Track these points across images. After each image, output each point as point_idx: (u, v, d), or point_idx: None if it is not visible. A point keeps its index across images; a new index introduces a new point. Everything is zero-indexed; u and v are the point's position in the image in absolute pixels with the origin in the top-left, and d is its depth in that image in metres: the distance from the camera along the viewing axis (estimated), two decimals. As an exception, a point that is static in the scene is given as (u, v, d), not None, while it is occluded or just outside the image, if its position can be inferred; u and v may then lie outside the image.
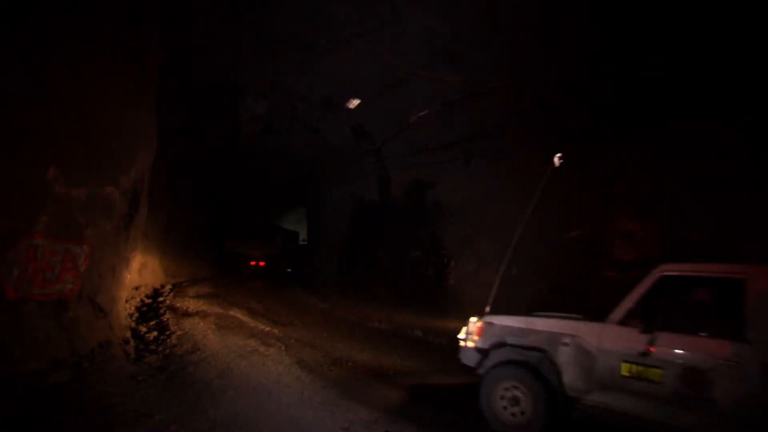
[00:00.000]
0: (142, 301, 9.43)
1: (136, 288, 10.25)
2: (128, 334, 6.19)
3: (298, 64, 9.15)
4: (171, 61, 7.88)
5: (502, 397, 3.97)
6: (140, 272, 11.23)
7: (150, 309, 8.60)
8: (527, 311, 4.61)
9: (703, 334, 3.27)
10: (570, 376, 3.69)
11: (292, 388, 4.82)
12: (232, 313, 10.14)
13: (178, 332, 7.25)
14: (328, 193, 17.13)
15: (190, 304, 10.54)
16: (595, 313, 3.83)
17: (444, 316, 9.75)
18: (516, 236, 5.25)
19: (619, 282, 6.90)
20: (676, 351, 3.28)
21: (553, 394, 3.74)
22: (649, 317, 3.44)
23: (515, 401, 3.89)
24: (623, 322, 3.57)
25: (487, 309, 4.76)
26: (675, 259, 3.61)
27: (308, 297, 14.61)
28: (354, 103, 10.51)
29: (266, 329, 8.48)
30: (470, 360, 4.53)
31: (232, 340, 7.21)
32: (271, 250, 23.16)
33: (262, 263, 22.99)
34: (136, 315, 7.75)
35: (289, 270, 22.90)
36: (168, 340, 6.52)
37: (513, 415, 3.87)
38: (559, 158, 5.45)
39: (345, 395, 4.72)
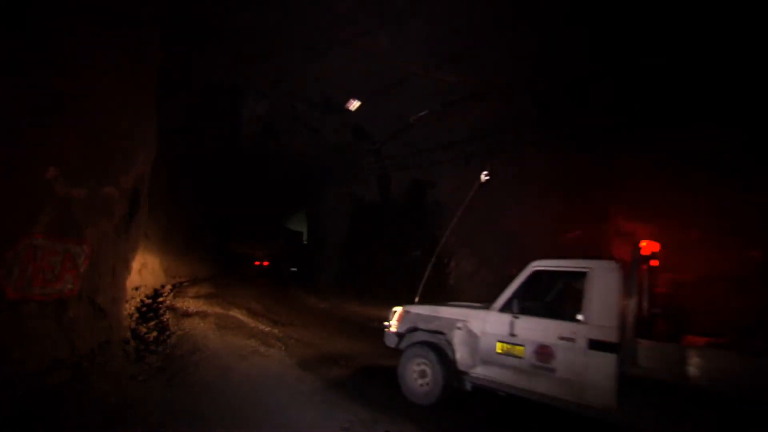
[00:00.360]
0: (142, 301, 9.42)
1: (136, 288, 10.25)
2: (128, 334, 6.18)
3: (298, 64, 9.15)
4: (171, 61, 7.88)
5: (414, 372, 4.79)
6: (140, 272, 11.22)
7: (150, 309, 8.60)
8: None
9: (553, 317, 4.05)
10: (461, 354, 4.51)
11: (293, 388, 4.82)
12: (232, 313, 10.13)
13: (178, 332, 7.25)
14: (328, 193, 17.13)
15: (190, 304, 10.53)
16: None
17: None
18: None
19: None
20: (533, 331, 4.05)
21: (450, 369, 4.54)
22: (521, 305, 4.20)
23: (423, 374, 4.72)
24: (502, 309, 4.29)
25: (417, 299, 5.40)
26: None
27: (308, 297, 14.61)
28: (354, 103, 10.51)
29: (266, 329, 8.48)
30: (391, 342, 5.31)
31: (232, 340, 7.21)
32: (275, 250, 23.40)
33: (266, 263, 23.35)
34: (136, 315, 7.75)
35: (294, 269, 22.96)
36: (168, 341, 6.51)
37: (421, 385, 4.71)
38: (485, 175, 6.08)
39: (345, 395, 4.72)
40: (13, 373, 3.76)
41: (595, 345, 3.66)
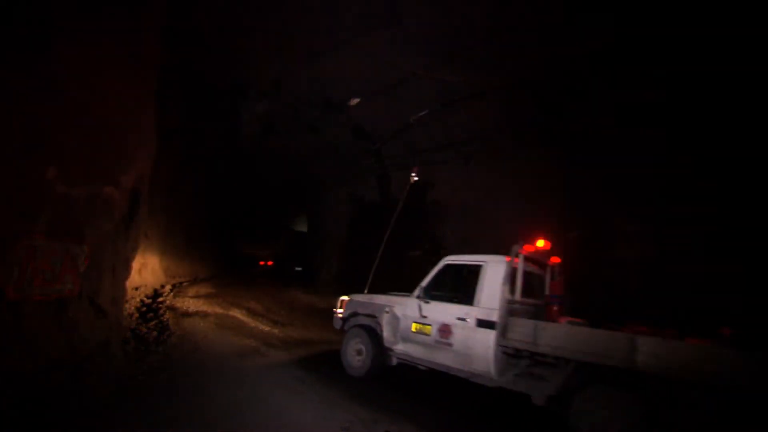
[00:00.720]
0: (142, 301, 9.42)
1: (136, 288, 10.25)
2: (128, 334, 6.18)
3: (298, 64, 9.15)
4: (171, 61, 7.88)
5: (353, 349, 5.68)
6: (140, 272, 11.23)
7: (150, 309, 8.60)
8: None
9: (454, 301, 4.86)
10: (387, 333, 5.38)
11: (293, 388, 4.82)
12: (231, 313, 10.14)
13: (178, 332, 7.24)
14: (328, 193, 17.12)
15: (190, 304, 10.53)
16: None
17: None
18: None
19: (619, 282, 6.91)
20: (438, 313, 4.94)
21: (379, 346, 5.40)
22: (432, 292, 5.10)
23: (360, 352, 5.60)
24: (418, 296, 5.17)
25: (366, 291, 6.25)
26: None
27: (308, 297, 14.61)
28: (354, 100, 10.50)
29: (266, 329, 8.49)
30: (337, 325, 6.19)
31: (232, 340, 7.21)
32: (279, 250, 23.85)
33: (270, 262, 23.92)
34: (136, 315, 7.75)
35: (299, 269, 23.26)
36: (168, 341, 6.51)
37: (358, 361, 5.57)
38: (415, 174, 6.92)
39: (345, 395, 4.72)
40: (13, 373, 3.76)
41: (481, 323, 4.53)
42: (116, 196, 5.37)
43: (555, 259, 5.30)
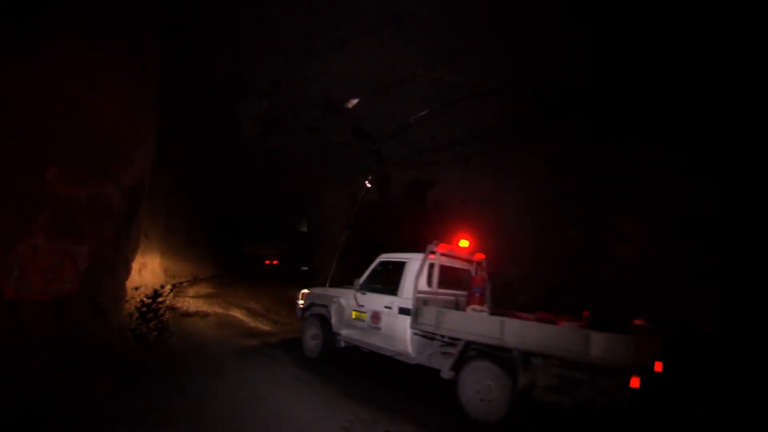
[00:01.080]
0: (142, 301, 9.43)
1: (136, 288, 10.25)
2: (128, 334, 6.19)
3: (298, 64, 9.14)
4: (171, 61, 7.87)
5: (310, 335, 6.49)
6: (140, 272, 11.23)
7: (150, 309, 8.60)
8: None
9: (384, 292, 5.61)
10: (334, 320, 6.20)
11: (293, 388, 4.82)
12: (231, 313, 10.14)
13: (178, 332, 7.25)
14: (328, 193, 17.12)
15: (190, 304, 10.54)
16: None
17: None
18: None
19: (619, 282, 6.91)
20: (371, 303, 5.73)
21: (329, 332, 6.23)
22: (369, 285, 5.86)
23: (315, 336, 6.42)
24: (359, 289, 5.91)
25: (327, 285, 7.19)
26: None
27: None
28: (353, 101, 10.49)
29: (266, 329, 8.49)
30: (299, 314, 7.04)
31: (232, 340, 7.21)
32: (284, 250, 24.35)
33: (275, 262, 24.52)
34: (136, 315, 7.75)
35: (305, 268, 23.54)
36: (168, 341, 6.52)
37: (313, 345, 6.39)
38: (369, 181, 7.93)
39: (345, 394, 4.73)
40: (13, 373, 3.76)
41: (401, 311, 5.27)
42: (116, 196, 5.38)
43: (479, 256, 6.16)
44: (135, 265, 7.60)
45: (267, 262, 25.75)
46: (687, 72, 5.89)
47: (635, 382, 3.55)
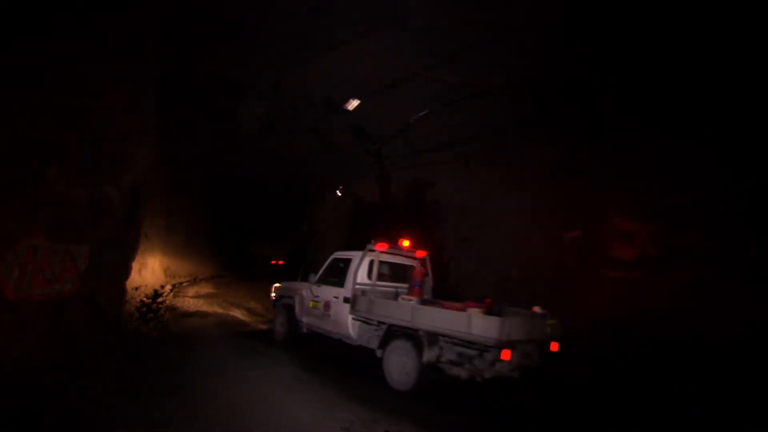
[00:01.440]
0: (142, 301, 9.43)
1: (136, 288, 10.25)
2: (128, 334, 6.19)
3: (298, 64, 9.14)
4: (171, 61, 7.87)
5: (279, 323, 7.62)
6: (140, 272, 11.23)
7: (150, 309, 8.61)
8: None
9: (334, 285, 6.55)
10: (297, 309, 7.25)
11: (292, 387, 4.82)
12: (231, 313, 10.15)
13: (178, 332, 7.26)
14: (328, 193, 17.11)
15: (190, 304, 10.54)
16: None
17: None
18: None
19: (618, 281, 6.91)
20: (324, 293, 6.71)
21: (293, 319, 7.28)
22: (324, 278, 6.83)
23: (283, 324, 7.48)
24: (315, 282, 6.88)
25: (298, 278, 8.24)
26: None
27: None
28: (354, 103, 10.49)
29: (265, 329, 8.50)
30: (272, 304, 8.23)
31: (232, 340, 7.22)
32: (289, 250, 24.79)
33: (281, 262, 25.18)
34: (136, 315, 7.76)
35: (279, 263, 24.12)
36: (168, 341, 6.52)
37: (282, 330, 7.50)
38: (340, 190, 8.80)
39: (344, 394, 4.73)
40: (13, 373, 3.76)
41: (345, 300, 6.21)
42: (116, 196, 5.38)
43: (420, 254, 6.90)
44: (135, 265, 7.61)
45: (273, 262, 26.25)
46: (687, 72, 5.88)
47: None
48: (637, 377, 5.56)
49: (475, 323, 4.43)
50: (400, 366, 5.28)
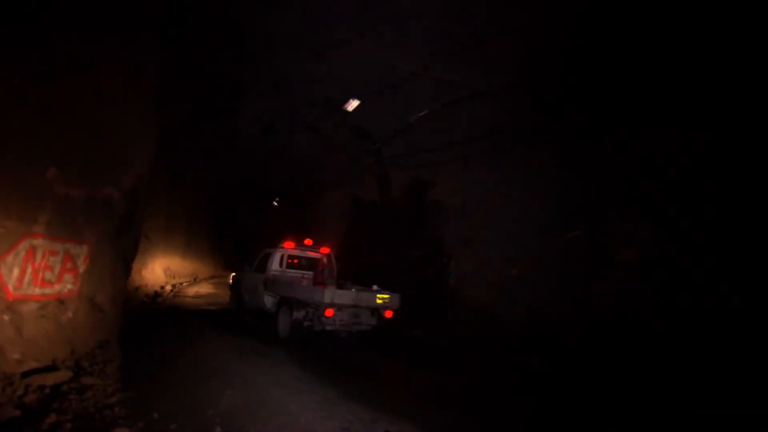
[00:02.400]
0: (142, 301, 9.43)
1: (136, 288, 10.26)
2: (128, 334, 6.18)
3: (298, 64, 9.16)
4: (171, 61, 7.88)
5: (232, 301, 10.25)
6: (140, 272, 11.23)
7: (150, 309, 8.61)
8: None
9: (260, 272, 8.85)
10: (243, 290, 9.56)
11: (292, 388, 4.82)
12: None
13: (179, 332, 7.25)
14: (328, 193, 17.11)
15: (190, 304, 10.54)
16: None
17: (443, 315, 9.74)
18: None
19: (618, 282, 6.90)
20: (255, 278, 8.90)
21: (240, 298, 9.67)
22: (256, 267, 9.15)
23: (234, 301, 10.11)
24: (251, 270, 9.24)
25: (252, 267, 9.49)
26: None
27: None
28: (354, 103, 10.50)
29: (265, 329, 8.49)
30: (228, 288, 10.90)
31: (232, 339, 7.22)
32: None
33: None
34: (137, 315, 7.75)
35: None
36: (168, 340, 6.52)
37: (233, 306, 10.14)
38: (276, 202, 12.09)
39: (344, 395, 4.72)
40: (13, 373, 3.77)
41: (264, 281, 8.50)
42: (116, 196, 5.38)
43: (324, 250, 9.25)
44: (135, 265, 7.61)
45: None
46: (686, 73, 5.88)
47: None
48: (637, 377, 5.56)
49: (316, 293, 6.78)
50: (283, 323, 7.65)
